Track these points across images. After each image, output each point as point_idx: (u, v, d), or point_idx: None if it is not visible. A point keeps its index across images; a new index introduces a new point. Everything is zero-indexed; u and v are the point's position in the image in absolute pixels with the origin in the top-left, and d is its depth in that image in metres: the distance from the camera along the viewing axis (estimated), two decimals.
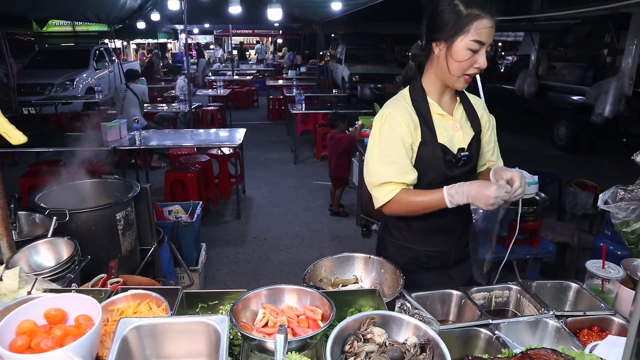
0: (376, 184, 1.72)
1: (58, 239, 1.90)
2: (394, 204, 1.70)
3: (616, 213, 2.19)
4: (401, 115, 1.71)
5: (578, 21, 9.48)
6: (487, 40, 1.59)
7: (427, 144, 1.72)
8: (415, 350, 1.11)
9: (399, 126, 1.70)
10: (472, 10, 1.57)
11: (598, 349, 1.30)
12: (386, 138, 1.71)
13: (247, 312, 1.31)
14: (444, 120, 1.76)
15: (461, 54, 1.60)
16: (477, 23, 1.56)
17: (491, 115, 1.94)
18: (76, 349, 0.98)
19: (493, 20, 1.58)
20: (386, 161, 1.70)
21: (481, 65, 1.61)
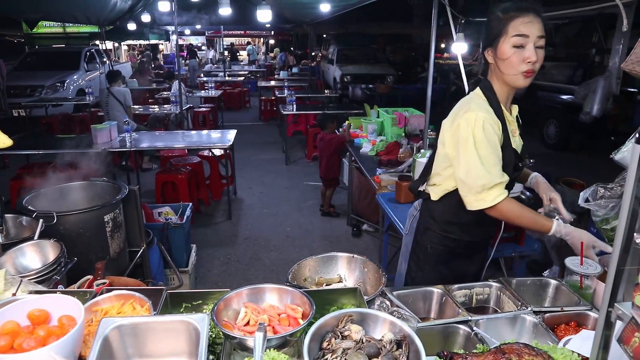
0: (487, 187, 1.73)
1: (44, 241, 1.91)
2: (505, 208, 1.76)
3: (596, 211, 2.23)
4: (492, 119, 1.76)
5: (566, 21, 9.57)
6: (529, 32, 1.68)
7: (505, 148, 1.80)
8: (391, 347, 1.14)
9: (492, 129, 1.74)
10: (510, 14, 1.71)
11: (571, 342, 1.33)
12: (485, 141, 1.73)
13: (229, 311, 1.33)
14: (510, 126, 1.85)
15: (506, 51, 1.72)
16: (514, 22, 1.69)
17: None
18: (58, 348, 1.00)
19: (534, 16, 1.68)
20: (491, 164, 1.73)
21: (531, 59, 1.69)
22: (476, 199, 1.76)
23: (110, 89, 7.26)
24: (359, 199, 5.26)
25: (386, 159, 4.44)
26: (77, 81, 11.37)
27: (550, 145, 9.30)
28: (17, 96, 10.08)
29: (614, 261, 1.02)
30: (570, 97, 8.66)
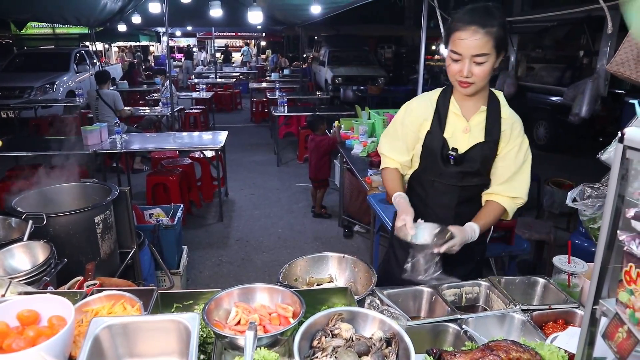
0: (379, 152, 2.11)
1: (34, 242, 1.91)
2: (383, 174, 2.09)
3: (584, 210, 2.26)
4: (417, 103, 2.00)
5: (555, 24, 9.67)
6: (463, 51, 1.69)
7: (433, 134, 1.91)
8: (380, 344, 1.15)
9: (409, 111, 2.00)
10: (454, 23, 1.72)
11: (558, 339, 1.35)
12: (397, 118, 2.05)
13: (220, 311, 1.34)
14: (457, 120, 1.89)
15: (447, 60, 1.79)
16: (454, 34, 1.71)
17: (524, 137, 1.93)
18: (48, 348, 1.00)
19: (475, 33, 1.65)
20: (389, 138, 2.07)
21: (462, 75, 1.72)
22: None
23: (99, 91, 7.18)
24: (351, 200, 5.28)
25: (377, 160, 4.46)
26: (66, 83, 11.30)
27: (540, 146, 9.38)
28: (6, 98, 10.00)
29: (599, 258, 1.04)
30: (559, 98, 8.74)
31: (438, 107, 1.92)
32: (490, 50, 1.68)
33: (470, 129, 1.87)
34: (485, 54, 1.68)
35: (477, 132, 1.88)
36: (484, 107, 1.88)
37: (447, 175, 1.92)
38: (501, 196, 1.92)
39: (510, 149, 1.89)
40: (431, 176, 1.97)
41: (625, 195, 0.98)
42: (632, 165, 0.96)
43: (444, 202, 1.97)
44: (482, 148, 1.87)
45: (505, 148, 1.90)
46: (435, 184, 1.97)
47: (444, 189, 1.95)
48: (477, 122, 1.88)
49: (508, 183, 1.91)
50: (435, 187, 1.97)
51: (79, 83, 11.53)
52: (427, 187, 2.00)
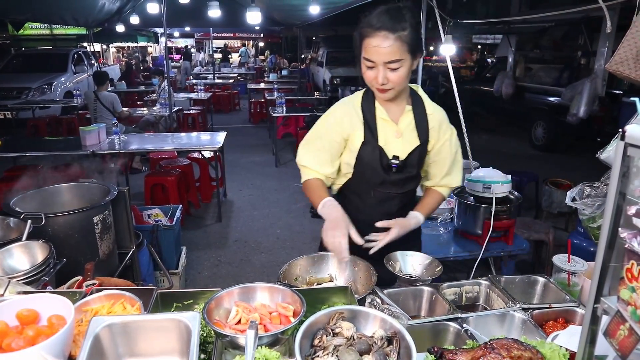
0: (299, 165, 1.92)
1: (32, 242, 1.90)
2: (305, 187, 1.92)
3: (583, 209, 2.26)
4: (341, 113, 1.85)
5: (552, 24, 9.69)
6: (376, 59, 1.62)
7: (368, 144, 1.81)
8: (382, 343, 1.15)
9: (335, 122, 1.85)
10: (364, 29, 1.64)
11: (559, 338, 1.35)
12: (320, 129, 1.89)
13: (221, 310, 1.33)
14: (387, 126, 1.82)
15: (362, 67, 1.71)
16: (365, 41, 1.64)
17: (452, 128, 1.94)
18: (48, 347, 1.00)
19: (385, 39, 1.58)
20: (310, 149, 1.89)
21: (378, 81, 1.66)
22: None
23: (97, 93, 7.16)
24: None
25: None
26: (64, 83, 11.29)
27: (538, 146, 9.41)
28: (3, 98, 9.99)
29: (600, 256, 1.04)
30: (557, 99, 8.76)
31: (364, 114, 1.82)
32: (403, 55, 1.61)
33: (401, 132, 1.83)
34: (398, 59, 1.61)
35: (408, 134, 1.84)
36: (409, 107, 1.84)
37: (386, 184, 1.86)
38: (443, 187, 1.98)
39: (444, 142, 1.90)
40: (369, 186, 1.88)
41: (626, 192, 0.98)
42: (633, 163, 0.96)
43: (384, 210, 1.90)
44: (420, 151, 1.85)
45: (438, 142, 1.89)
46: (374, 194, 1.89)
47: (384, 197, 1.89)
48: (406, 123, 1.84)
49: (448, 175, 1.95)
50: (375, 197, 1.90)
51: (77, 84, 11.53)
52: (365, 197, 1.91)
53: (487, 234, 2.87)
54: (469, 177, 3.02)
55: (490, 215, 2.88)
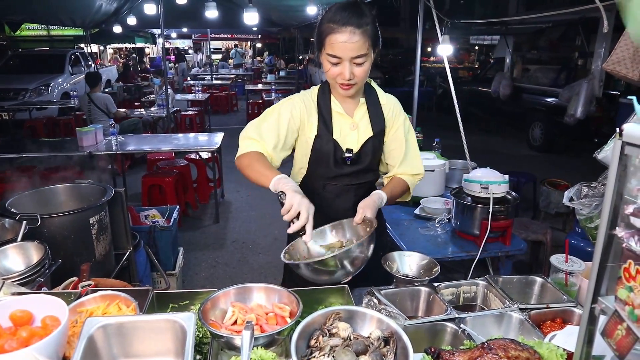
0: (248, 137, 1.79)
1: (28, 243, 1.89)
2: (245, 158, 1.74)
3: (580, 209, 2.26)
4: (300, 103, 1.83)
5: (550, 25, 9.71)
6: (342, 55, 1.62)
7: (322, 137, 1.81)
8: (378, 343, 1.15)
9: (294, 110, 1.81)
10: (328, 25, 1.63)
11: (557, 338, 1.35)
12: (277, 112, 1.81)
13: (217, 310, 1.32)
14: (342, 119, 1.84)
15: (324, 64, 1.71)
16: (329, 37, 1.63)
17: (404, 115, 1.95)
18: (41, 349, 0.99)
19: (352, 34, 1.59)
20: (271, 129, 1.77)
21: (344, 78, 1.66)
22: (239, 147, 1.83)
23: (90, 95, 7.12)
24: None
25: None
26: (61, 84, 11.26)
27: (536, 147, 9.42)
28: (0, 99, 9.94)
29: (597, 256, 1.03)
30: (554, 99, 8.78)
31: (320, 108, 1.83)
32: (367, 50, 1.64)
33: (357, 124, 1.85)
34: (364, 54, 1.63)
35: (363, 126, 1.85)
36: (362, 99, 1.87)
37: (340, 177, 1.85)
38: (404, 175, 1.95)
39: (397, 129, 1.91)
40: (322, 181, 1.86)
41: (623, 192, 0.98)
42: (631, 162, 0.96)
43: (340, 205, 1.88)
44: (373, 142, 1.85)
45: (392, 130, 1.91)
46: (327, 188, 1.88)
47: (338, 190, 1.88)
48: (360, 115, 1.86)
49: (405, 162, 1.94)
50: (329, 191, 1.88)
51: (74, 85, 11.50)
52: (319, 191, 1.88)
53: (484, 234, 2.86)
54: (466, 178, 3.02)
55: (488, 216, 2.87)
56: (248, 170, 1.71)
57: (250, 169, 1.70)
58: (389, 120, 1.89)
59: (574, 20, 8.40)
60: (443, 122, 8.85)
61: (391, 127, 1.91)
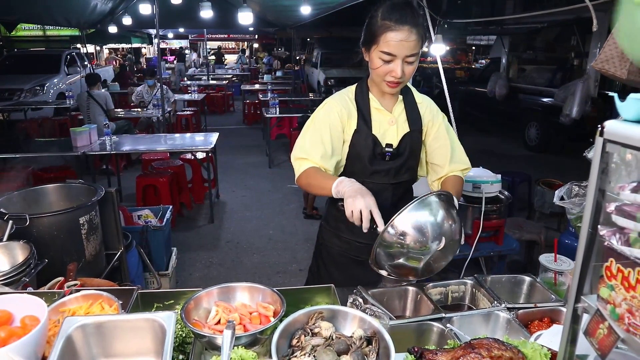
0: (297, 157, 1.79)
1: (13, 243, 1.87)
2: (303, 178, 1.74)
3: (571, 208, 2.25)
4: (337, 104, 1.82)
5: (545, 25, 9.72)
6: (397, 53, 1.64)
7: (361, 132, 1.80)
8: (361, 343, 1.14)
9: (332, 113, 1.80)
10: (384, 22, 1.64)
11: (542, 337, 1.34)
12: (318, 122, 1.81)
13: (200, 310, 1.31)
14: (381, 115, 1.84)
15: (375, 62, 1.71)
16: (385, 35, 1.64)
17: (442, 113, 1.97)
18: (18, 349, 0.98)
19: (410, 33, 1.61)
20: (313, 141, 1.77)
21: (395, 76, 1.68)
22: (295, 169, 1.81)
23: (90, 92, 7.18)
24: None
25: None
26: (57, 85, 11.23)
27: (532, 147, 9.43)
28: None
29: (580, 254, 1.03)
30: (550, 99, 8.79)
31: (358, 104, 1.84)
32: (419, 49, 1.67)
33: (395, 120, 1.85)
34: (416, 53, 1.67)
35: (401, 122, 1.86)
36: (400, 97, 1.88)
37: (379, 174, 1.84)
38: (455, 172, 1.93)
39: (439, 127, 1.92)
40: (360, 177, 1.78)
41: (605, 189, 0.97)
42: (612, 159, 0.95)
43: (378, 204, 1.79)
44: (411, 137, 1.86)
45: (432, 129, 1.91)
46: (365, 185, 1.76)
47: (376, 189, 1.79)
48: (398, 112, 1.87)
49: (454, 159, 1.92)
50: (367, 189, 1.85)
51: (70, 85, 11.47)
52: None
53: (476, 233, 2.86)
54: None
55: (480, 215, 2.87)
56: (310, 189, 1.75)
57: (311, 187, 1.73)
58: (427, 119, 1.90)
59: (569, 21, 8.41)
60: None
61: (432, 127, 1.91)
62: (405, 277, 1.54)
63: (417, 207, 1.42)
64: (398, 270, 1.47)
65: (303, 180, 1.75)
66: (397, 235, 1.39)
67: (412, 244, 1.40)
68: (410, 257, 1.42)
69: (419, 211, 1.42)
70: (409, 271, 1.48)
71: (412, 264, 1.44)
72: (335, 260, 1.98)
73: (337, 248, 1.96)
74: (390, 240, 1.40)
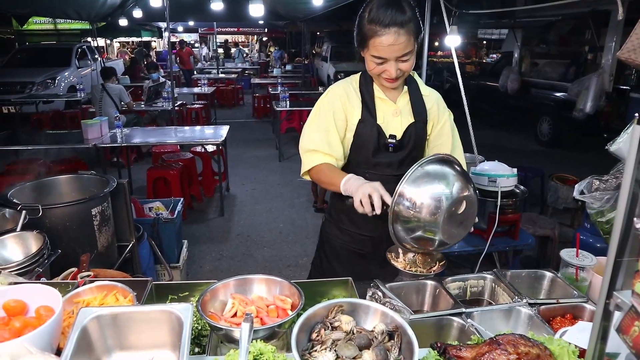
0: (306, 150, 1.80)
1: (27, 233, 1.86)
2: (314, 173, 1.79)
3: (591, 203, 2.20)
4: (340, 92, 1.82)
5: (559, 18, 9.58)
6: (388, 56, 1.61)
7: (366, 122, 1.78)
8: (382, 337, 1.10)
9: (335, 101, 1.80)
10: (370, 27, 1.60)
11: (568, 334, 1.30)
12: (323, 110, 1.82)
13: (216, 302, 1.29)
14: (385, 105, 1.81)
15: (369, 63, 1.70)
16: (373, 40, 1.61)
17: (448, 110, 1.94)
18: (33, 339, 0.96)
19: (398, 35, 1.57)
20: (320, 130, 1.79)
21: (390, 76, 1.65)
22: (302, 162, 1.83)
23: (105, 85, 7.19)
24: None
25: None
26: (68, 78, 11.27)
27: (544, 142, 9.31)
28: (7, 93, 9.96)
29: (613, 248, 0.98)
30: (563, 94, 8.66)
31: (362, 94, 1.81)
32: (412, 46, 1.63)
33: (400, 111, 1.82)
34: (410, 51, 1.62)
35: (406, 113, 1.83)
36: (405, 88, 1.84)
37: (382, 166, 1.81)
38: None
39: (443, 124, 1.89)
40: (363, 168, 1.80)
41: None
42: None
43: None
44: (415, 128, 1.82)
45: (437, 125, 1.89)
46: (368, 176, 1.78)
47: (380, 180, 1.76)
48: (403, 103, 1.84)
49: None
50: (370, 180, 1.77)
51: (81, 78, 11.51)
52: None
53: (492, 228, 2.81)
54: (474, 171, 2.97)
55: (496, 209, 2.82)
56: (320, 184, 1.81)
57: (321, 182, 1.78)
58: (432, 113, 1.87)
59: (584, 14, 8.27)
60: None
61: (437, 122, 1.88)
62: (425, 247, 1.57)
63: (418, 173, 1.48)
64: (417, 241, 1.51)
65: (314, 175, 1.80)
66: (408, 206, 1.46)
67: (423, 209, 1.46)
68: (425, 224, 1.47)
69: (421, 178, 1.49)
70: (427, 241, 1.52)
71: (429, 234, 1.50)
72: (338, 254, 1.97)
73: (339, 241, 1.95)
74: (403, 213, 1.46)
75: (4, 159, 6.19)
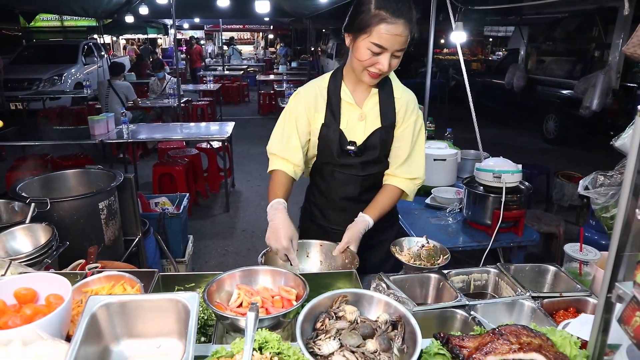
0: (269, 152, 1.88)
1: (36, 225, 1.89)
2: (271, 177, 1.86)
3: (596, 199, 2.20)
4: (306, 95, 1.82)
5: (566, 15, 9.53)
6: (389, 46, 1.58)
7: (329, 126, 1.79)
8: (386, 327, 1.12)
9: (299, 105, 1.82)
10: (379, 12, 1.56)
11: (570, 326, 1.31)
12: (287, 114, 1.84)
13: (222, 292, 1.31)
14: (351, 109, 1.80)
15: (361, 52, 1.63)
16: (379, 27, 1.56)
17: (418, 114, 1.89)
18: (44, 325, 0.98)
19: (404, 28, 1.56)
20: (283, 134, 1.83)
21: (382, 68, 1.62)
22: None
23: (111, 81, 7.23)
24: None
25: None
26: (75, 74, 11.34)
27: (550, 140, 9.28)
28: (14, 89, 10.04)
29: (615, 240, 0.99)
30: (569, 91, 8.63)
31: (329, 96, 1.80)
32: (407, 45, 1.63)
33: (365, 115, 1.80)
34: (405, 48, 1.62)
35: (372, 117, 1.81)
36: (375, 90, 1.81)
37: (346, 166, 1.83)
38: (400, 178, 1.88)
39: (406, 127, 1.85)
40: (330, 167, 1.85)
41: None
42: None
43: (346, 193, 1.88)
44: (381, 133, 1.81)
45: (401, 127, 1.85)
46: (335, 174, 1.87)
47: (345, 179, 1.86)
48: (370, 106, 1.81)
49: (406, 164, 1.87)
50: (336, 178, 1.87)
51: (87, 75, 11.57)
52: (327, 178, 1.90)
53: (496, 224, 2.82)
54: (478, 167, 2.97)
55: (500, 205, 2.82)
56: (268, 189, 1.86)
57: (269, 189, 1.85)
58: (400, 115, 1.84)
59: (591, 10, 8.23)
60: (455, 115, 8.77)
61: (400, 125, 1.85)
62: None
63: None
64: None
65: (270, 179, 1.86)
66: None
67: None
68: None
69: None
70: None
71: None
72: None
73: (313, 234, 1.95)
74: None
75: (13, 154, 6.24)
